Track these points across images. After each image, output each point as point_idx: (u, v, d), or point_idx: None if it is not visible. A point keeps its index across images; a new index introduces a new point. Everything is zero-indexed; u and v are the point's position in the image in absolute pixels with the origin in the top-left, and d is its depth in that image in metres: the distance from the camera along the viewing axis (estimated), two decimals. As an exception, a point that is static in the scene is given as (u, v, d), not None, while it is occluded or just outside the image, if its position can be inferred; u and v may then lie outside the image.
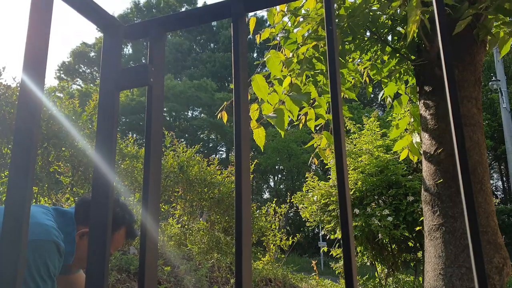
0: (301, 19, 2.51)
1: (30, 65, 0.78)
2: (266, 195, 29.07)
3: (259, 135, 2.27)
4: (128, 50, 36.27)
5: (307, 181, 7.47)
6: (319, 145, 3.09)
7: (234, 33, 1.00)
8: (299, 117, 2.71)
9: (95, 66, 34.19)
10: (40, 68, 0.79)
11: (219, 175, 7.65)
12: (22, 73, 0.75)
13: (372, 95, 3.60)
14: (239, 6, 1.00)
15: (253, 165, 8.42)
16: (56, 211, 1.63)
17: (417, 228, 5.98)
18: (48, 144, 4.69)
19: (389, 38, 2.87)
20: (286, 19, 2.64)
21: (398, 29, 2.75)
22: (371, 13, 2.44)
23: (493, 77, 16.54)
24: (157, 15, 37.06)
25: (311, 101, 2.73)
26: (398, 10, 2.56)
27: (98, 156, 0.92)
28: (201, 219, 7.76)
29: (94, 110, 5.13)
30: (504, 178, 24.68)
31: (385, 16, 2.59)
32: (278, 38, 2.67)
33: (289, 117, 2.49)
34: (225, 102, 2.45)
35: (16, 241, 0.54)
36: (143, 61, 33.48)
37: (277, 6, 2.57)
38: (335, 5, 2.45)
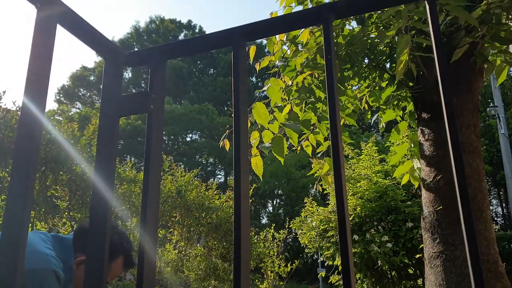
0: (300, 48, 2.54)
1: (32, 89, 0.78)
2: (265, 220, 28.85)
3: (257, 164, 2.27)
4: (127, 74, 36.56)
5: (306, 206, 7.43)
6: (319, 170, 3.08)
7: (234, 62, 1.01)
8: (300, 143, 2.72)
9: (95, 89, 34.41)
10: (41, 91, 0.80)
11: (217, 199, 7.61)
12: (23, 96, 0.75)
13: (370, 121, 3.61)
14: (239, 36, 1.01)
15: (251, 190, 8.39)
16: (55, 238, 1.61)
17: (417, 256, 5.92)
18: (46, 168, 4.68)
19: (387, 65, 2.90)
20: (285, 47, 2.67)
21: (396, 56, 2.78)
22: (369, 41, 2.48)
23: (491, 103, 16.66)
24: (156, 40, 37.53)
25: (312, 127, 2.74)
26: (396, 38, 2.60)
27: (97, 182, 0.91)
28: (198, 245, 7.68)
29: (93, 134, 5.14)
30: (504, 204, 24.56)
31: (382, 44, 2.63)
32: (277, 65, 2.70)
33: (288, 142, 2.49)
34: (227, 131, 2.46)
35: (12, 266, 0.53)
36: (143, 85, 33.72)
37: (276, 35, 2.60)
38: (333, 33, 2.48)
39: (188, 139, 31.53)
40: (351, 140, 5.35)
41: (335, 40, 2.39)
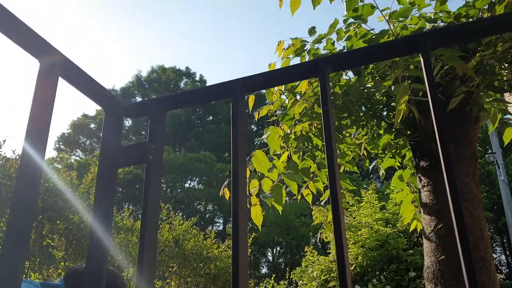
0: (298, 97, 2.58)
1: (32, 139, 0.79)
2: (264, 270, 28.19)
3: (257, 214, 2.25)
4: (128, 121, 36.89)
5: (306, 255, 7.29)
6: (321, 217, 3.05)
7: (233, 114, 1.02)
8: (300, 191, 2.70)
9: (95, 137, 34.60)
10: (41, 142, 0.80)
11: (216, 249, 7.47)
12: (23, 145, 0.76)
13: (369, 167, 3.61)
14: (238, 88, 1.03)
15: (250, 239, 8.25)
16: (44, 286, 1.58)
17: (421, 306, 5.75)
18: (42, 217, 4.62)
19: (384, 112, 2.93)
20: (283, 96, 2.72)
21: (392, 104, 2.82)
22: (365, 91, 2.52)
23: (489, 150, 16.74)
24: (158, 88, 38.16)
25: (311, 174, 2.74)
26: (393, 87, 2.65)
27: (94, 233, 0.90)
28: (196, 296, 7.46)
29: (92, 182, 5.12)
30: (508, 252, 24.11)
31: (379, 93, 2.67)
32: (276, 114, 2.74)
33: (288, 188, 2.48)
34: (227, 179, 2.46)
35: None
36: (143, 133, 33.94)
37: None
38: (330, 83, 2.54)
39: (187, 185, 31.38)
40: (354, 187, 5.33)
41: (332, 90, 2.43)
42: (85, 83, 0.98)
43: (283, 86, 2.63)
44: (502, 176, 15.09)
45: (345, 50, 2.48)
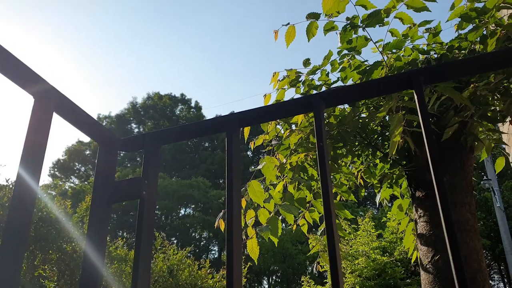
0: (293, 127, 2.59)
1: (26, 169, 0.78)
2: (260, 299, 27.71)
3: (253, 248, 2.22)
4: (124, 148, 36.74)
5: (303, 285, 7.18)
6: (318, 245, 3.02)
7: (228, 148, 1.02)
8: (296, 221, 2.68)
9: (90, 164, 34.46)
10: (34, 176, 0.79)
11: (211, 279, 7.34)
12: (18, 167, 0.75)
13: (366, 193, 3.61)
14: (233, 123, 1.03)
15: (245, 269, 8.12)
16: None
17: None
18: (35, 247, 4.55)
19: (380, 139, 2.94)
20: (279, 126, 2.73)
21: (387, 134, 2.84)
22: (360, 121, 2.53)
23: (484, 176, 16.77)
24: (153, 115, 38.29)
25: (307, 204, 2.72)
26: (387, 117, 2.66)
27: (87, 265, 0.88)
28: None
29: (86, 212, 5.07)
30: (506, 280, 23.86)
31: (374, 123, 2.68)
32: (272, 144, 2.74)
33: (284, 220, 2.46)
34: (222, 210, 2.44)
35: None
36: (138, 159, 33.82)
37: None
38: (325, 114, 2.55)
39: (182, 212, 31.11)
40: (352, 215, 5.30)
41: (327, 120, 2.44)
42: (80, 118, 0.98)
43: (279, 116, 2.63)
44: (498, 202, 15.06)
45: (339, 82, 2.51)
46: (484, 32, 2.13)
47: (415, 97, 0.91)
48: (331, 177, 2.84)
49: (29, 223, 0.72)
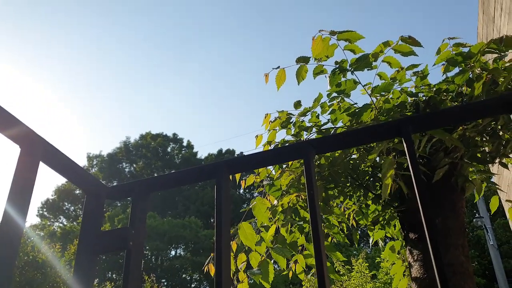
0: (284, 166, 2.59)
1: (12, 209, 0.76)
2: None
3: (244, 291, 2.16)
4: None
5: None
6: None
7: (217, 194, 1.01)
8: (289, 265, 2.63)
9: (80, 203, 34.00)
10: (21, 214, 0.77)
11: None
12: (5, 205, 0.73)
13: (359, 231, 3.57)
14: (223, 170, 1.02)
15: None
16: None
17: None
18: (19, 293, 4.40)
19: (371, 178, 2.93)
20: (270, 167, 2.72)
21: (379, 175, 2.84)
22: (351, 161, 2.53)
23: (476, 214, 16.76)
24: (145, 154, 38.19)
25: (300, 247, 2.68)
26: (377, 158, 2.67)
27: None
28: None
29: (74, 255, 4.95)
30: (502, 320, 23.40)
31: (364, 164, 2.69)
32: (263, 184, 2.72)
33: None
34: (212, 253, 2.39)
35: None
36: (129, 198, 33.38)
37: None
38: (316, 155, 2.55)
39: (173, 253, 30.54)
40: (344, 258, 5.21)
41: (318, 162, 2.44)
42: (66, 167, 0.97)
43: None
44: (492, 240, 14.99)
45: (329, 123, 2.52)
46: (471, 76, 2.18)
47: (404, 145, 0.91)
48: (324, 218, 2.81)
49: (11, 269, 0.69)
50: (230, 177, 1.20)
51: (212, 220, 33.79)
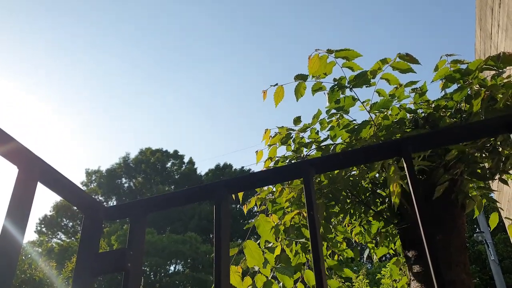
0: (285, 184, 2.58)
1: (12, 223, 0.75)
2: None
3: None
4: (112, 202, 36.28)
5: None
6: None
7: (216, 215, 1.00)
8: (295, 285, 2.59)
9: (78, 220, 33.81)
10: (19, 233, 0.76)
11: None
12: (3, 223, 0.73)
13: (359, 247, 3.55)
14: (221, 191, 1.01)
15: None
16: None
17: None
18: (16, 311, 4.34)
19: (372, 194, 2.92)
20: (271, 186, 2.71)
21: (379, 191, 2.82)
22: (351, 178, 2.52)
23: (477, 229, 16.67)
24: (145, 170, 38.09)
25: (304, 266, 2.65)
26: (377, 175, 2.66)
27: None
28: None
29: (71, 273, 4.90)
30: (506, 337, 23.12)
31: (364, 181, 2.68)
32: (265, 202, 2.71)
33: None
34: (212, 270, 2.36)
35: None
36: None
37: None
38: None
39: (172, 269, 30.27)
40: (351, 274, 5.17)
41: (318, 179, 2.43)
42: (64, 187, 0.96)
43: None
44: (493, 256, 14.88)
45: (328, 140, 2.52)
46: (469, 92, 2.18)
47: (404, 164, 0.91)
48: (327, 237, 2.78)
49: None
50: (233, 196, 1.19)
51: (211, 236, 33.60)
